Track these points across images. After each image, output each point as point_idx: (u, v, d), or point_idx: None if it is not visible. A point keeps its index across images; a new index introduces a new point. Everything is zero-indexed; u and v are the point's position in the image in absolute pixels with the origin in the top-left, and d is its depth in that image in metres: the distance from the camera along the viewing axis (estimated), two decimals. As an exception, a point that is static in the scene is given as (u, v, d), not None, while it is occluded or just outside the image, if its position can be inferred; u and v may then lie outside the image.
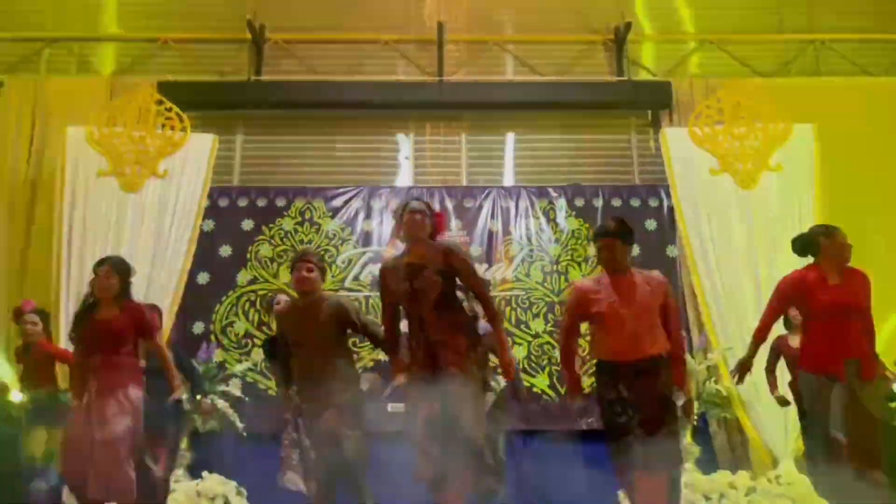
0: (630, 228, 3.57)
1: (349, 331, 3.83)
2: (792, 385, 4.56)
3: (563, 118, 7.02)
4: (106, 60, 7.17)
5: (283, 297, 4.77)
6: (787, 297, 3.87)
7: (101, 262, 3.93)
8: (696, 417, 5.30)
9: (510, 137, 7.02)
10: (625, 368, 3.25)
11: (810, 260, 3.86)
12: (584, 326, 3.61)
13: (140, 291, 5.59)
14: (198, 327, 6.12)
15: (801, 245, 3.90)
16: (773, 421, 5.37)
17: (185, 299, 5.96)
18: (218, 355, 5.95)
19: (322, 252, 6.37)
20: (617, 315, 3.29)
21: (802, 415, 4.16)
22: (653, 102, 6.86)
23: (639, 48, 7.34)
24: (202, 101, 6.66)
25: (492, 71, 7.25)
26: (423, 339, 3.35)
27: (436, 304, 3.36)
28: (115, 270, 3.88)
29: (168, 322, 5.66)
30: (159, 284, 5.73)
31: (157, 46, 7.17)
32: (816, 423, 3.61)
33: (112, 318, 3.80)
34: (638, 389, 3.21)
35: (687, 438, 5.34)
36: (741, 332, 5.57)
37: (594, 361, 3.54)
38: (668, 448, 3.19)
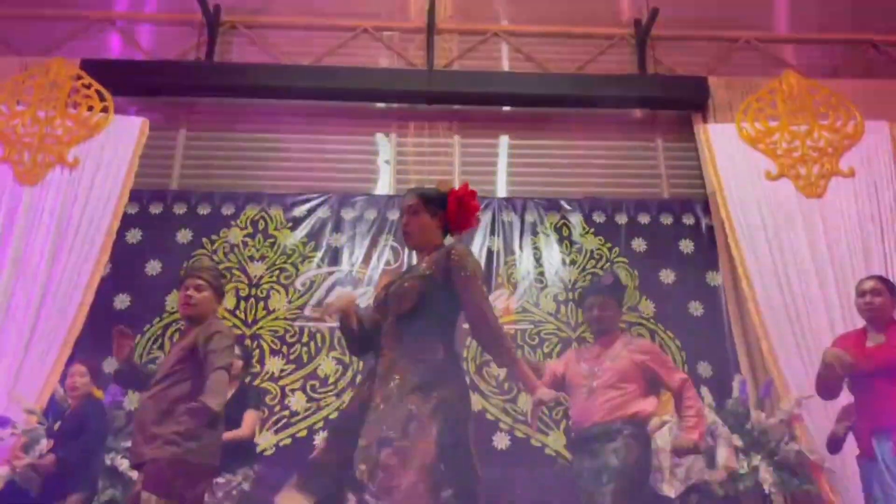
0: None
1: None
2: None
3: (575, 118, 5.81)
4: (27, 41, 5.88)
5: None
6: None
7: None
8: (772, 488, 3.94)
9: (512, 140, 5.79)
10: (593, 431, 2.92)
11: None
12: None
13: (29, 313, 4.26)
14: (110, 363, 4.66)
15: None
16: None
17: (95, 327, 4.58)
18: (131, 400, 4.52)
19: (277, 272, 5.07)
20: (586, 379, 3.03)
21: None
22: (684, 101, 5.70)
23: (662, 46, 6.22)
24: (137, 85, 5.40)
25: (489, 66, 6.10)
26: (375, 364, 2.35)
27: (403, 316, 2.33)
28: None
29: (61, 356, 4.26)
30: (55, 305, 4.34)
31: (89, 24, 5.94)
32: None
33: None
34: (609, 457, 2.82)
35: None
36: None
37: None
38: None
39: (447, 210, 2.47)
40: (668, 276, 5.19)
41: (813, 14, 6.43)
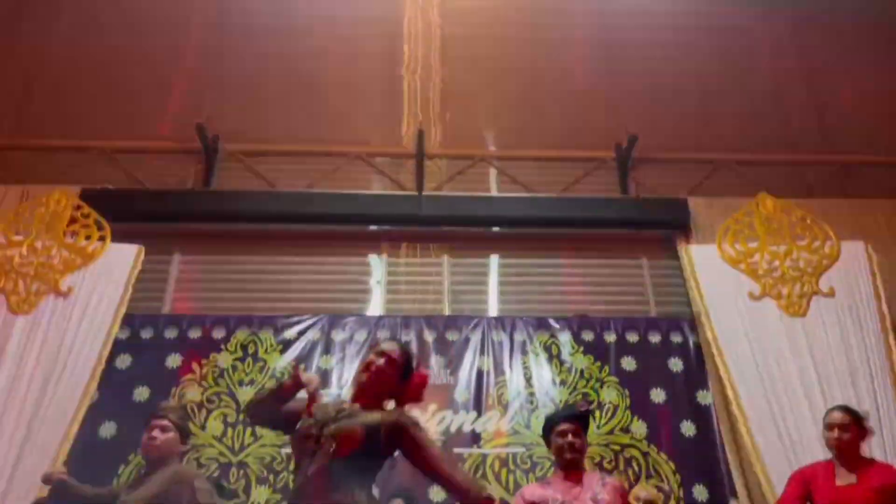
0: None
1: None
2: None
3: (562, 238, 5.99)
4: (28, 170, 6.09)
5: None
6: (795, 494, 3.28)
7: None
8: None
9: (501, 260, 5.93)
10: None
11: None
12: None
13: (15, 443, 4.21)
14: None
15: None
16: None
17: (79, 455, 4.50)
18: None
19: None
20: None
21: None
22: (666, 222, 5.89)
23: (643, 168, 6.49)
24: (134, 212, 5.55)
25: (477, 189, 6.32)
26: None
27: (336, 463, 2.25)
28: None
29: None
30: (42, 434, 4.28)
31: (91, 155, 6.18)
32: None
33: None
34: None
35: None
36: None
37: None
38: None
39: (409, 380, 2.50)
40: (658, 395, 5.18)
41: (785, 135, 6.77)
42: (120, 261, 4.90)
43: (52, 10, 6.94)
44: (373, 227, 5.96)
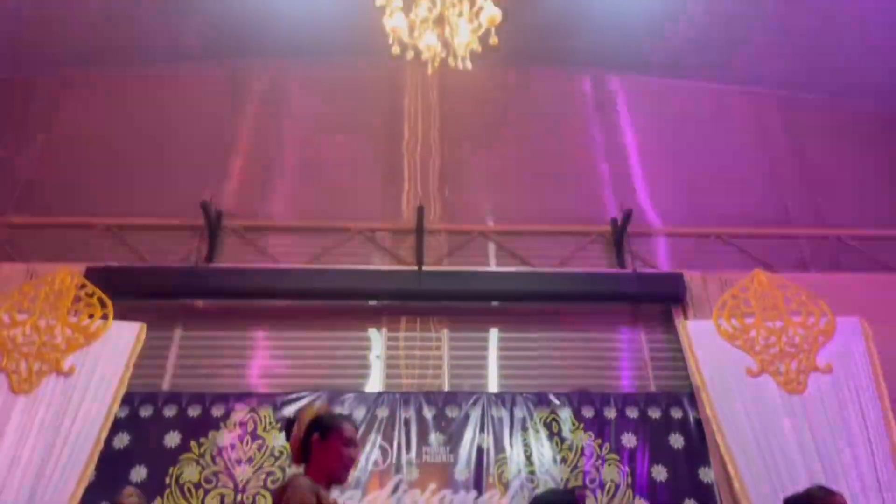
0: None
1: None
2: None
3: (561, 312, 6.04)
4: (33, 248, 6.17)
5: None
6: None
7: None
8: None
9: (500, 334, 5.96)
10: None
11: None
12: None
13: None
14: (85, 581, 4.49)
15: None
16: None
17: (74, 539, 4.45)
18: None
19: (264, 475, 4.99)
20: None
21: None
22: (663, 297, 5.95)
23: (639, 242, 6.59)
24: (137, 289, 5.62)
25: (476, 263, 6.40)
26: None
27: None
28: None
29: (37, 574, 4.10)
30: (37, 518, 4.24)
31: (95, 232, 6.29)
32: None
33: None
34: None
35: None
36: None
37: None
38: None
39: None
40: (659, 472, 5.14)
41: (779, 210, 6.90)
42: (122, 339, 4.93)
43: (59, 90, 7.17)
44: (373, 302, 6.02)
